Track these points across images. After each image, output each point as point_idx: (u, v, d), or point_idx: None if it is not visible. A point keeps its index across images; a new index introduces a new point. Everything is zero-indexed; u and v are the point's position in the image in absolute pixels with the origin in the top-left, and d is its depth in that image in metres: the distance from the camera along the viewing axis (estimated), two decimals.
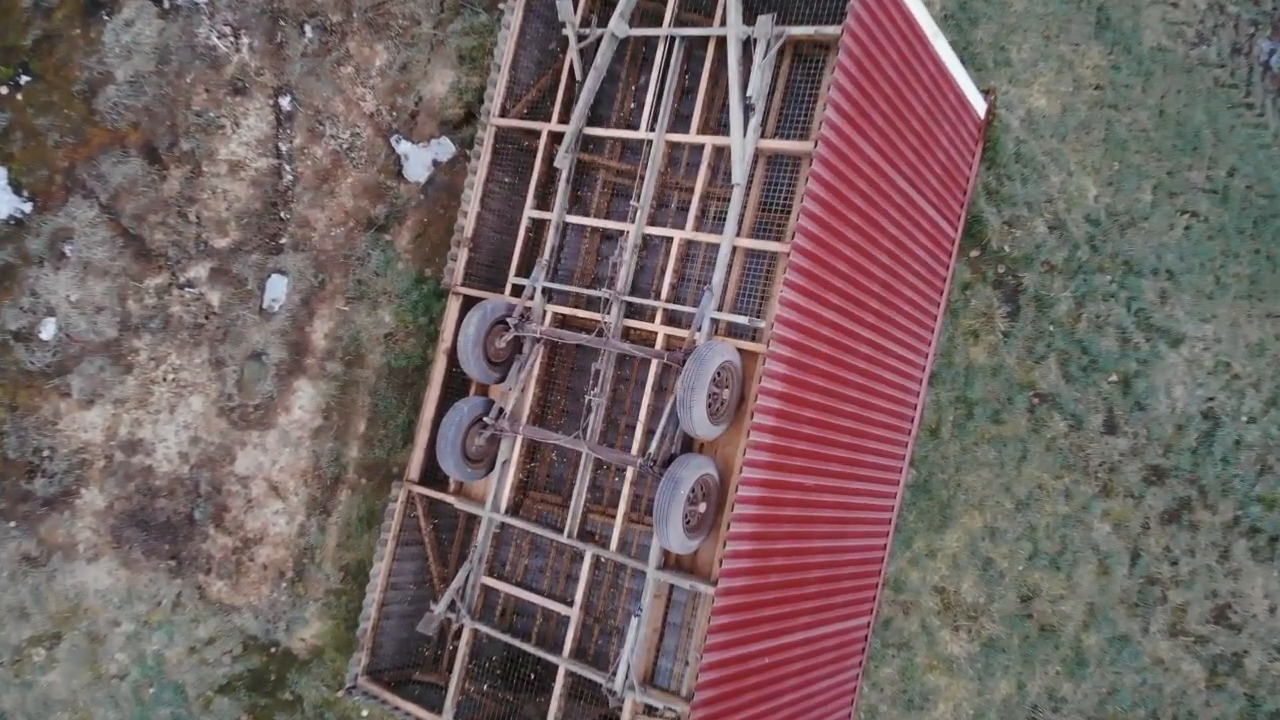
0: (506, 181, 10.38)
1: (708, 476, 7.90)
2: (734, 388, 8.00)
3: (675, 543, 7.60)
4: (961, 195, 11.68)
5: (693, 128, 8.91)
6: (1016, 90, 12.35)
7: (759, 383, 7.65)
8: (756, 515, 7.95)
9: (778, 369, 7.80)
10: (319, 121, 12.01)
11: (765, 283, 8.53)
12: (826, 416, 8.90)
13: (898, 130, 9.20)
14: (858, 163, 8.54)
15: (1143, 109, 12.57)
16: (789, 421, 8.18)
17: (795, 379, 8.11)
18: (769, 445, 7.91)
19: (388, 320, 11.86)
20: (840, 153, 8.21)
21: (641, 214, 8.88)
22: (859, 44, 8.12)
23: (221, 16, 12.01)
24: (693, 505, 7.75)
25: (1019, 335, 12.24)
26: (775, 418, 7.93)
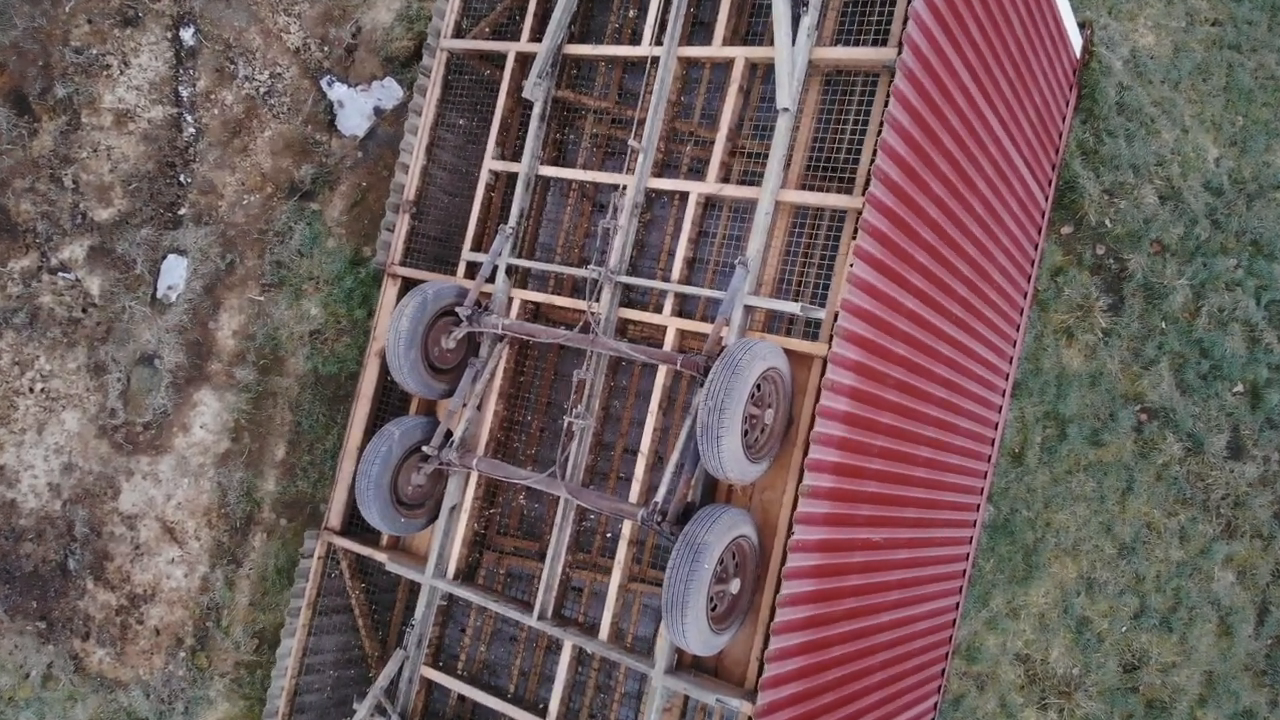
0: (461, 126, 8.03)
1: (742, 540, 5.53)
2: (780, 407, 5.62)
3: (695, 641, 5.23)
4: (1053, 153, 9.33)
5: (717, 37, 6.54)
6: (1118, 24, 10.01)
7: (818, 399, 5.26)
8: (812, 594, 5.58)
9: (844, 379, 5.44)
10: (229, 59, 9.64)
11: (822, 256, 6.16)
12: (901, 444, 6.55)
13: (994, 50, 6.91)
14: (949, 86, 6.23)
15: (1270, 51, 10.26)
16: (856, 454, 5.82)
17: (866, 393, 5.75)
18: (830, 491, 5.56)
19: (314, 313, 9.45)
20: (930, 67, 5.90)
21: (645, 161, 6.50)
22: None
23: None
24: (721, 584, 5.36)
25: (1123, 334, 9.89)
26: (839, 450, 5.57)
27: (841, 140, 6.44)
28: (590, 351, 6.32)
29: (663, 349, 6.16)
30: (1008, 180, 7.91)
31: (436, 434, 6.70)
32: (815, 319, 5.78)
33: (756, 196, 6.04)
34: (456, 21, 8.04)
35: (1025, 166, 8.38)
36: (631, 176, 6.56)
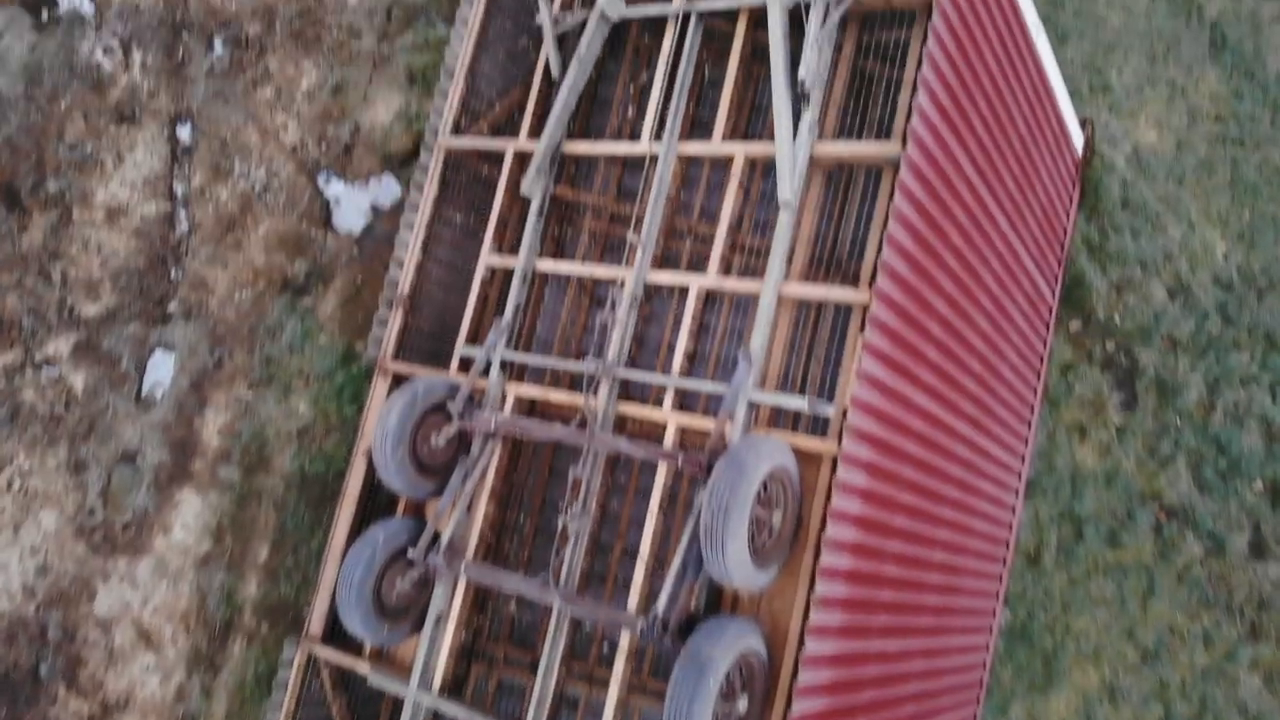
0: (458, 221, 7.94)
1: (750, 655, 5.18)
2: (788, 508, 5.35)
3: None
4: (1059, 249, 9.25)
5: (716, 134, 6.48)
6: (1120, 122, 10.06)
7: (829, 500, 5.00)
8: (824, 711, 5.20)
9: (856, 479, 5.18)
10: (226, 156, 9.64)
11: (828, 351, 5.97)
12: (915, 548, 6.25)
13: (997, 145, 6.86)
14: (954, 181, 6.15)
15: (1274, 146, 10.29)
16: (870, 559, 5.52)
17: (879, 494, 5.49)
18: (844, 599, 5.24)
19: (303, 411, 9.23)
20: (934, 162, 5.82)
21: (644, 255, 6.37)
22: (956, 10, 5.81)
23: (111, 29, 9.75)
24: (727, 702, 5.00)
25: (1137, 431, 9.65)
26: (852, 555, 5.27)
27: (845, 234, 6.32)
28: (587, 448, 6.07)
29: (663, 446, 5.92)
30: (1014, 275, 7.79)
31: (423, 537, 6.40)
32: (823, 415, 5.55)
33: (759, 290, 5.88)
34: (455, 120, 8.02)
35: (1031, 261, 8.28)
36: (630, 270, 6.41)
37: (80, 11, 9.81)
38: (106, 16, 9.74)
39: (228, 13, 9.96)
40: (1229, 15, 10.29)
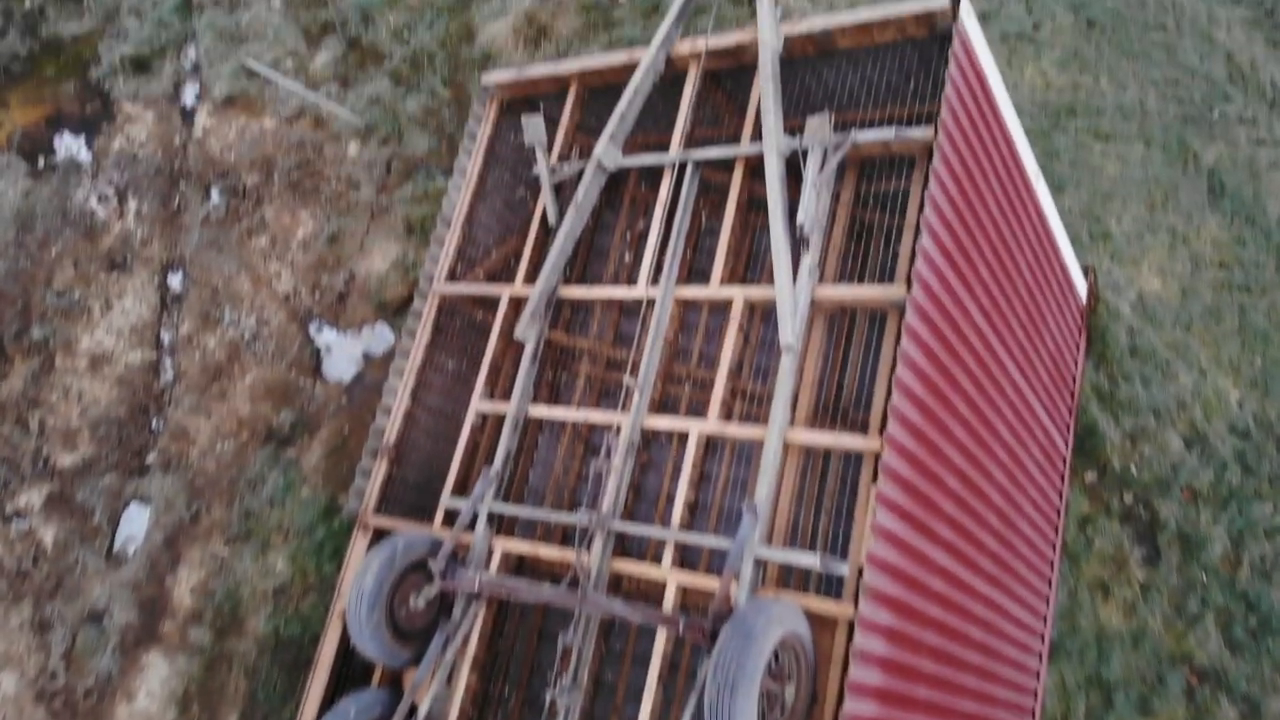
0: (450, 368, 7.69)
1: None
2: (802, 681, 4.86)
3: None
4: (1069, 397, 8.99)
5: (715, 278, 6.31)
6: (1122, 270, 9.98)
7: (845, 670, 4.53)
8: None
9: (875, 647, 4.73)
10: (216, 304, 9.51)
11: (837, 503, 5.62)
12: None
13: (1002, 289, 6.69)
14: (961, 324, 5.92)
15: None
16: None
17: (899, 663, 5.02)
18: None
19: (280, 568, 8.76)
20: (941, 305, 5.60)
21: (642, 398, 6.09)
22: (956, 153, 5.73)
23: (107, 176, 9.80)
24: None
25: (1163, 588, 9.15)
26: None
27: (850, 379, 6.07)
28: (579, 611, 5.62)
29: (662, 608, 5.48)
30: (1026, 424, 7.50)
31: (399, 711, 5.86)
32: (837, 574, 5.14)
33: (762, 436, 5.57)
34: (451, 267, 7.90)
35: (1043, 410, 8.00)
36: (627, 415, 6.12)
37: (77, 159, 9.89)
38: (104, 165, 9.81)
39: (226, 163, 10.04)
40: (1226, 162, 10.37)
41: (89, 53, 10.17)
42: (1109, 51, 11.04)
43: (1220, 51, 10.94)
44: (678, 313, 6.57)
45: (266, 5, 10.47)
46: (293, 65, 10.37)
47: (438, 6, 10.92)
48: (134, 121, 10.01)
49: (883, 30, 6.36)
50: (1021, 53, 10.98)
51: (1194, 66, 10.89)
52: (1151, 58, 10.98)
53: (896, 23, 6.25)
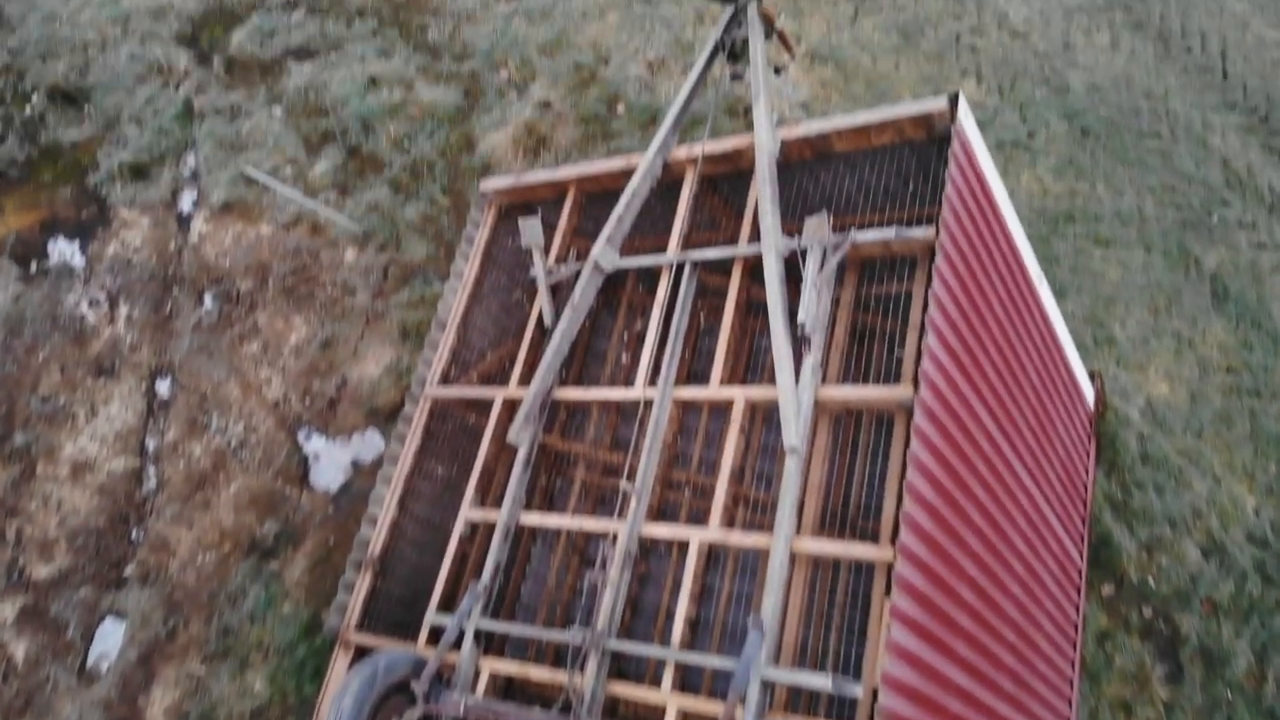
0: (440, 475, 7.44)
1: None
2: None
3: None
4: (1082, 506, 8.70)
5: (714, 378, 6.12)
6: (1129, 374, 9.82)
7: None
8: None
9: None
10: (204, 411, 9.30)
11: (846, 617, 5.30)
12: None
13: (1010, 390, 6.50)
14: (970, 427, 5.70)
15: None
16: None
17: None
18: None
19: (259, 689, 8.31)
20: (949, 406, 5.40)
21: (639, 505, 5.82)
22: (958, 251, 5.63)
23: (100, 281, 9.72)
24: None
25: (1187, 706, 8.69)
26: None
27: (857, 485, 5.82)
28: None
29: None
30: (1040, 533, 7.21)
31: None
32: (850, 696, 4.78)
33: (767, 544, 5.28)
34: (444, 370, 7.73)
35: (1056, 519, 7.72)
36: (623, 522, 5.83)
37: (70, 264, 9.82)
38: (97, 270, 9.73)
39: (221, 269, 9.97)
40: (1228, 267, 10.32)
41: (88, 159, 10.21)
42: (1105, 158, 11.13)
43: (1216, 157, 11.02)
44: (676, 414, 6.35)
45: (268, 114, 10.57)
46: (292, 172, 10.41)
47: (439, 117, 11.04)
48: (130, 227, 9.98)
49: (880, 133, 6.32)
50: (1017, 160, 11.05)
51: (1190, 172, 10.95)
52: (1148, 164, 11.06)
53: (894, 125, 6.21)
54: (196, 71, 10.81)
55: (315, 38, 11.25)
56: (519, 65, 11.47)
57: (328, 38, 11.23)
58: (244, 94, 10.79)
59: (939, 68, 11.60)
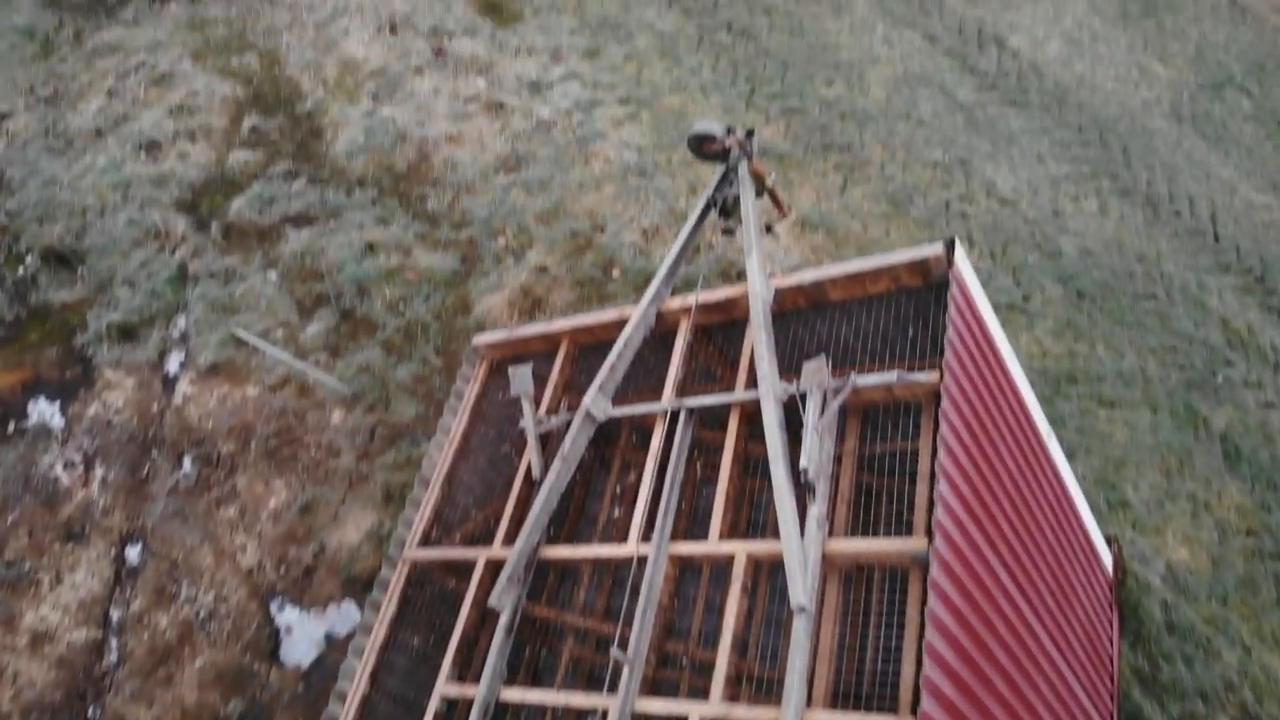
0: (415, 647, 6.90)
1: None
2: None
3: None
4: (1110, 682, 8.09)
5: (713, 531, 5.74)
6: (1146, 539, 9.39)
7: None
8: None
9: None
10: (174, 579, 8.81)
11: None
12: None
13: (1026, 546, 6.12)
14: (989, 584, 5.29)
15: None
16: None
17: None
18: None
19: None
20: (965, 558, 5.01)
21: (632, 675, 5.31)
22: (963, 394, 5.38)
23: (77, 443, 9.42)
24: None
25: None
26: None
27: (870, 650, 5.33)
28: None
29: None
30: (1067, 706, 6.63)
31: None
32: None
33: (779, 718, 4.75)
34: (426, 530, 7.33)
35: (1082, 691, 7.13)
36: (615, 697, 5.30)
37: (49, 425, 9.55)
38: (75, 431, 9.44)
39: (203, 431, 9.68)
40: (1237, 427, 10.05)
41: (77, 320, 10.12)
42: (1102, 320, 11.05)
43: (1215, 318, 10.95)
44: (673, 574, 5.91)
45: (263, 278, 10.56)
46: (283, 335, 10.29)
47: (435, 281, 11.04)
48: (113, 388, 9.77)
49: (876, 281, 6.19)
50: (1015, 322, 10.97)
51: (1190, 333, 10.85)
52: (1146, 325, 10.97)
53: (890, 272, 6.08)
54: (194, 237, 10.87)
55: (315, 205, 11.38)
56: (516, 233, 11.57)
57: (327, 205, 11.37)
58: (240, 258, 10.82)
59: (930, 233, 11.69)
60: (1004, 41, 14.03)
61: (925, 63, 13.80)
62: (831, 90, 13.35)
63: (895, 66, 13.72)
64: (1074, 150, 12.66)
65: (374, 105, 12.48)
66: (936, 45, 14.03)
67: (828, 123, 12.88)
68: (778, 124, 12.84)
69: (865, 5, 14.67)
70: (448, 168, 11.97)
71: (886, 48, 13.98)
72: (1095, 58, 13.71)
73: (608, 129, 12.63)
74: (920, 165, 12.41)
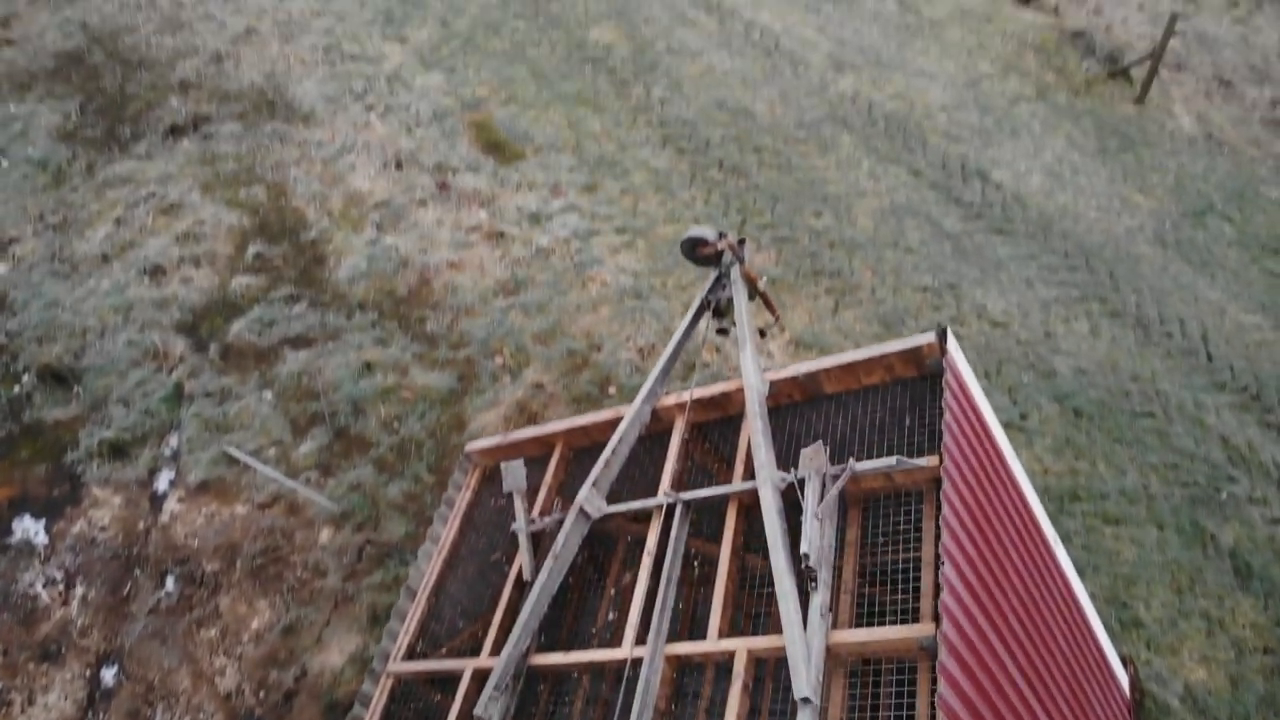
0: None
1: None
2: None
3: None
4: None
5: (712, 630, 5.46)
6: (1162, 659, 8.99)
7: None
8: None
9: None
10: (149, 702, 8.36)
11: None
12: None
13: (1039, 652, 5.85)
14: (1000, 679, 5.00)
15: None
16: None
17: None
18: None
19: None
20: (975, 648, 4.75)
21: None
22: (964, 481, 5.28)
23: (59, 560, 9.13)
24: None
25: None
26: None
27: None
28: None
29: None
30: None
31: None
32: None
33: None
34: (411, 644, 7.00)
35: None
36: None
37: (32, 542, 9.27)
38: (58, 548, 9.15)
39: (188, 549, 9.39)
40: (1246, 543, 9.77)
41: (69, 437, 9.97)
42: (1101, 438, 10.91)
43: (1214, 435, 10.82)
44: (670, 676, 5.57)
45: (258, 398, 10.48)
46: (275, 454, 10.13)
47: (430, 399, 10.96)
48: (99, 506, 9.54)
49: (870, 371, 6.12)
50: (1014, 440, 10.82)
51: (1191, 450, 10.69)
52: (1146, 443, 10.82)
53: (883, 362, 6.02)
54: (192, 357, 10.86)
55: (314, 328, 11.42)
56: (514, 352, 11.56)
57: (327, 328, 11.41)
58: (237, 378, 10.77)
59: None
60: (987, 175, 14.41)
61: (911, 195, 14.14)
62: (820, 221, 13.62)
63: (882, 199, 14.05)
64: (1061, 275, 12.81)
65: (378, 234, 12.69)
66: (921, 179, 14.41)
67: (818, 250, 13.08)
68: (769, 251, 13.04)
69: (851, 143, 15.15)
70: (448, 292, 12.08)
71: (873, 181, 14.35)
72: (1077, 189, 14.06)
73: (605, 255, 12.81)
74: (910, 289, 12.53)
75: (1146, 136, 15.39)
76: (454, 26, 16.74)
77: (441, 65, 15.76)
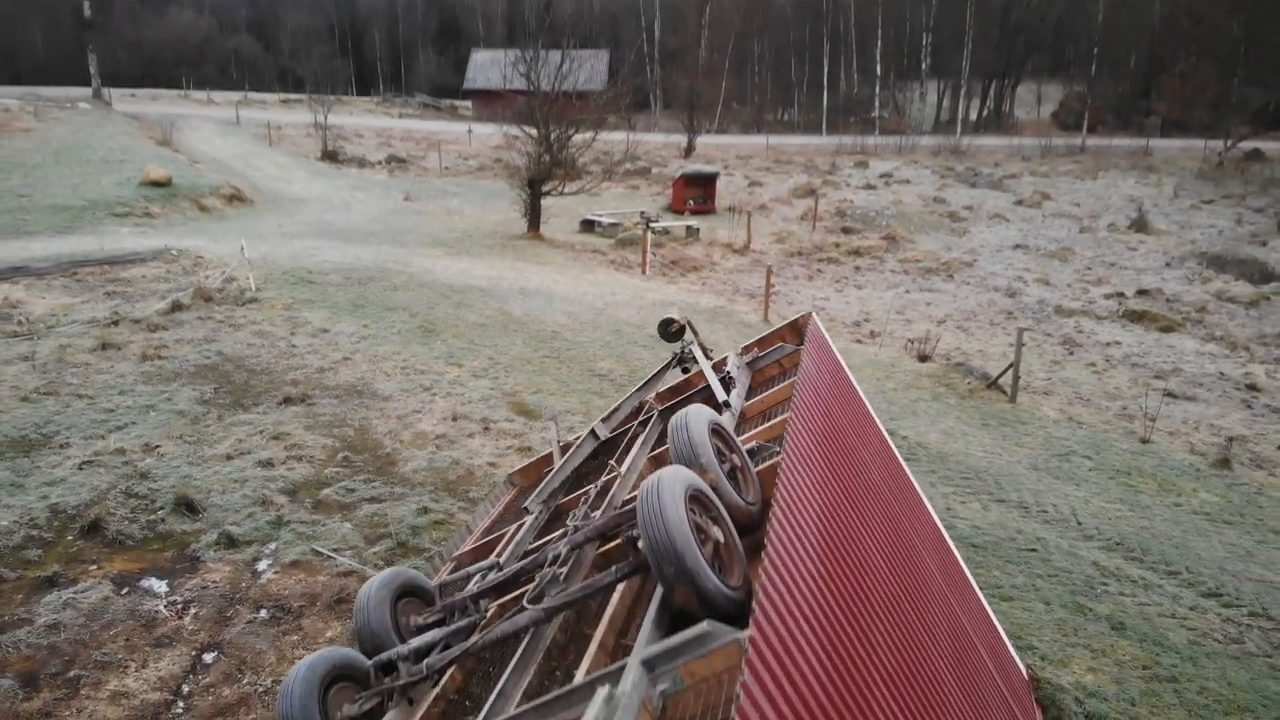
0: None
1: None
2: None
3: None
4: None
5: None
6: (1055, 669, 10.42)
7: None
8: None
9: None
10: (239, 670, 9.70)
11: None
12: None
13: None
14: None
15: None
16: None
17: None
18: None
19: None
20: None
21: None
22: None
23: (177, 594, 10.86)
24: None
25: None
26: None
27: None
28: None
29: None
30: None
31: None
32: None
33: None
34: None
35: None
36: None
37: (155, 590, 10.97)
38: (177, 589, 10.86)
39: (280, 595, 11.11)
40: (1120, 613, 11.39)
41: (193, 540, 12.15)
42: (994, 561, 12.85)
43: (1087, 561, 12.76)
44: None
45: (340, 526, 12.80)
46: (351, 554, 12.22)
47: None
48: (212, 572, 11.45)
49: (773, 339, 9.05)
50: None
51: (1069, 568, 12.59)
52: (1031, 564, 12.75)
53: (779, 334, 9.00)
54: (290, 505, 13.33)
55: (385, 494, 13.98)
56: None
57: (395, 494, 13.98)
58: (324, 516, 13.15)
59: None
60: (894, 432, 17.61)
61: None
62: None
63: None
64: (956, 483, 15.39)
65: (436, 450, 15.67)
66: None
67: None
68: None
69: None
70: (486, 476, 14.71)
71: None
72: (967, 442, 17.07)
73: None
74: None
75: (1020, 419, 18.80)
76: (499, 360, 21.04)
77: (488, 376, 19.73)
